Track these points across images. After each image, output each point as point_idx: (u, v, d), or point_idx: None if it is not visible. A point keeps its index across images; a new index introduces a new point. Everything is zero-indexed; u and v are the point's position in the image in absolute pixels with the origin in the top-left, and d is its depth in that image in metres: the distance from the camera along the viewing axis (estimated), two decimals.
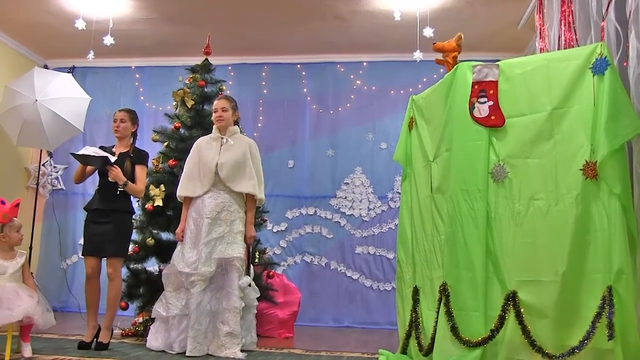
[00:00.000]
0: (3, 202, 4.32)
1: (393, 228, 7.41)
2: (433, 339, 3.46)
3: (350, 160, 7.79)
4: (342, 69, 7.95)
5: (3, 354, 4.05)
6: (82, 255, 4.97)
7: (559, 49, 4.23)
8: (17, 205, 4.36)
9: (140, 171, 4.95)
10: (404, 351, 4.00)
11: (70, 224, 8.09)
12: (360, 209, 7.68)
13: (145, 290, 5.45)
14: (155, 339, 4.69)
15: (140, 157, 5.00)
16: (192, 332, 4.49)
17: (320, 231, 7.68)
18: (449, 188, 3.51)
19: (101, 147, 5.05)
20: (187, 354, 4.43)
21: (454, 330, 3.19)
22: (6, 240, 4.24)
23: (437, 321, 3.43)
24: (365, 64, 7.92)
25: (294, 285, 6.46)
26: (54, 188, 8.23)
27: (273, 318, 5.95)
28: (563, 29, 4.07)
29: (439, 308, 3.42)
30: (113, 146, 5.08)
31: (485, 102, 3.33)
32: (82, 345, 4.64)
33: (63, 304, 7.58)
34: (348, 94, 7.90)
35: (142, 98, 8.12)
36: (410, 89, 7.29)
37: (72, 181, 7.92)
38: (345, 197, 7.72)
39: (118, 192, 4.81)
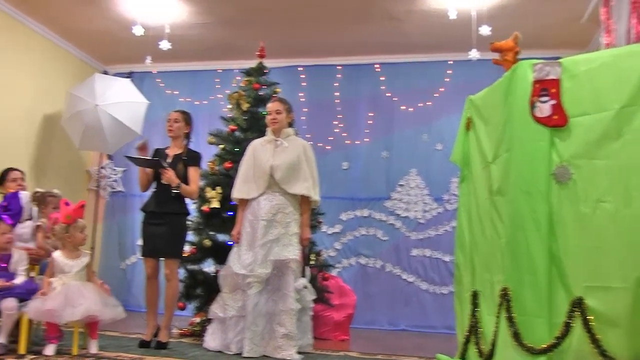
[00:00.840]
0: (67, 204, 4.43)
1: (449, 230, 7.31)
2: (493, 344, 3.37)
3: (405, 162, 7.71)
4: (395, 70, 7.88)
5: (71, 349, 4.15)
6: (141, 256, 5.05)
7: (628, 44, 4.06)
8: (82, 206, 4.48)
9: (193, 172, 4.99)
10: (463, 356, 3.91)
11: (129, 225, 8.25)
12: (415, 210, 7.60)
13: (203, 291, 5.50)
14: (212, 340, 4.73)
15: (193, 158, 5.04)
16: (249, 333, 4.50)
17: (375, 233, 7.63)
18: (509, 190, 3.41)
19: (156, 150, 5.12)
20: (243, 355, 4.45)
21: (516, 336, 3.10)
22: (71, 240, 4.36)
23: (497, 326, 3.35)
24: (418, 64, 7.83)
25: (349, 288, 6.43)
26: (113, 190, 8.42)
27: (329, 320, 5.94)
28: (634, 22, 3.90)
29: (499, 313, 3.33)
30: (167, 148, 5.13)
31: (547, 101, 3.23)
32: (143, 344, 4.72)
33: (123, 303, 7.67)
34: (402, 95, 7.83)
35: (196, 102, 8.22)
36: (466, 89, 7.15)
37: (131, 183, 8.19)
38: (400, 199, 7.65)
39: (172, 194, 4.86)
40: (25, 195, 4.78)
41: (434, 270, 7.43)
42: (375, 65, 7.92)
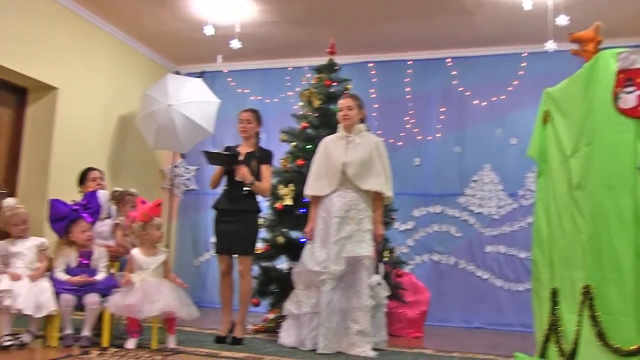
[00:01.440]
0: (144, 202, 4.58)
1: (525, 226, 7.16)
2: (576, 343, 3.29)
3: (478, 157, 7.59)
4: (466, 64, 7.77)
5: (150, 344, 4.29)
6: (214, 253, 5.15)
7: None
8: (159, 205, 4.62)
9: (265, 170, 5.05)
10: (543, 355, 3.84)
11: (202, 222, 8.44)
12: (489, 206, 7.48)
13: (276, 287, 5.58)
14: (287, 336, 4.79)
15: (265, 156, 5.11)
16: (323, 329, 4.55)
17: (448, 230, 7.56)
18: (590, 184, 3.32)
19: (227, 148, 5.21)
20: (318, 352, 4.50)
21: (601, 336, 3.01)
22: (148, 237, 4.51)
23: (579, 325, 3.27)
24: (491, 57, 7.69)
25: (422, 284, 6.39)
26: (186, 188, 8.62)
27: (402, 317, 5.92)
28: None
29: (581, 311, 3.25)
30: (238, 146, 5.21)
31: (632, 92, 3.12)
32: (219, 339, 4.82)
33: (198, 299, 7.90)
34: (474, 89, 7.71)
35: (267, 101, 8.31)
36: (542, 82, 6.99)
37: (203, 182, 8.37)
38: (474, 195, 7.54)
39: (245, 192, 4.93)
40: (104, 194, 4.95)
41: (509, 266, 7.30)
42: (447, 60, 7.83)
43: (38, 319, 4.23)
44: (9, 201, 4.60)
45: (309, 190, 4.90)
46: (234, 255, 4.99)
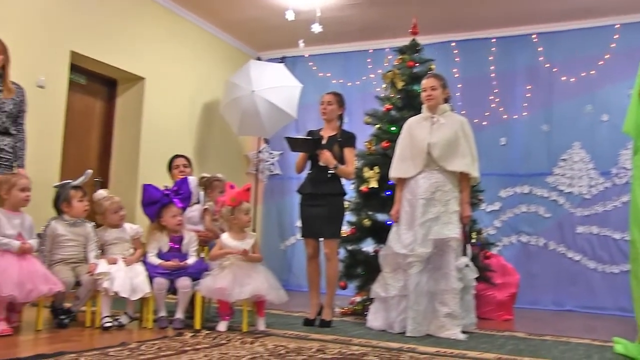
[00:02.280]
0: (232, 187, 4.63)
1: (619, 206, 6.89)
2: None
3: (567, 135, 7.33)
4: (554, 39, 7.48)
5: (241, 326, 4.37)
6: (301, 237, 5.17)
7: None
8: (248, 189, 4.67)
9: (349, 153, 5.02)
10: None
11: (287, 207, 8.53)
12: (580, 186, 7.21)
13: (363, 270, 5.57)
14: (375, 319, 4.77)
15: (348, 139, 5.07)
16: (412, 312, 4.50)
17: (537, 210, 7.35)
18: None
19: (309, 132, 5.21)
20: (407, 334, 4.46)
21: None
22: (236, 222, 4.56)
23: None
24: (580, 30, 7.38)
25: (511, 266, 6.24)
26: (271, 173, 8.72)
27: (491, 299, 5.81)
28: None
29: None
30: (320, 129, 5.18)
31: None
32: (307, 322, 4.85)
33: (284, 283, 7.97)
34: (562, 65, 7.43)
35: (349, 84, 8.28)
36: (635, 54, 6.67)
37: (287, 166, 8.45)
38: (563, 174, 7.29)
39: (329, 176, 4.92)
40: (192, 180, 5.04)
41: (602, 248, 7.03)
42: (532, 36, 7.57)
43: (134, 301, 4.36)
44: (101, 192, 4.75)
45: (394, 172, 4.84)
46: (320, 239, 4.99)
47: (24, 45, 5.45)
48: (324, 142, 4.99)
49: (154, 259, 4.54)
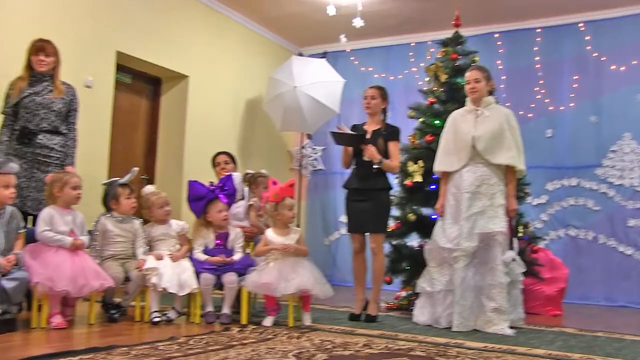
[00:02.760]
0: (275, 183, 4.66)
1: None
2: None
3: (617, 126, 7.17)
4: (602, 27, 7.33)
5: (287, 321, 4.41)
6: (347, 232, 5.18)
7: None
8: (292, 185, 4.70)
9: (393, 147, 5.00)
10: None
11: (331, 202, 8.56)
12: (631, 178, 7.05)
13: (408, 265, 5.56)
14: (421, 314, 4.76)
15: (392, 133, 5.04)
16: (458, 307, 4.48)
17: (585, 203, 7.22)
18: None
19: (353, 126, 5.20)
20: (453, 329, 4.43)
21: None
22: (280, 217, 4.58)
23: None
24: (630, 17, 7.20)
25: (559, 261, 6.14)
26: (314, 169, 8.75)
27: (539, 294, 5.74)
28: None
29: None
30: (364, 124, 5.16)
31: None
32: (353, 317, 4.86)
33: (329, 278, 7.96)
34: (611, 53, 7.27)
35: (391, 78, 8.25)
36: None
37: (330, 161, 8.48)
38: (613, 166, 7.14)
39: (374, 170, 4.91)
40: (237, 177, 5.09)
41: None
42: (579, 24, 7.42)
43: (181, 297, 4.44)
44: (149, 188, 4.85)
45: (438, 166, 4.82)
46: (366, 234, 5.00)
47: (73, 47, 5.58)
48: (368, 136, 4.98)
49: (200, 255, 4.60)
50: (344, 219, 8.33)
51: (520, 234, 5.34)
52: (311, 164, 8.76)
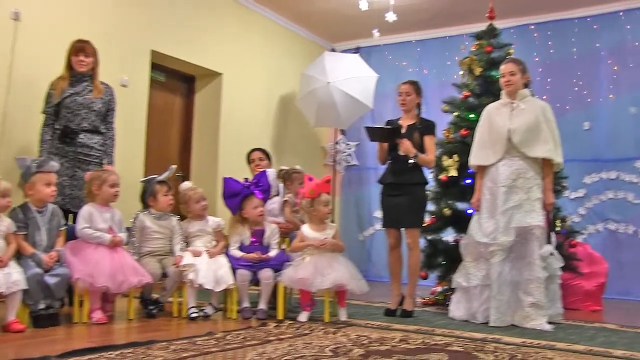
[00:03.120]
0: (310, 179, 4.68)
1: None
2: None
3: None
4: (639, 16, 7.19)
5: (323, 316, 4.43)
6: (382, 227, 5.16)
7: None
8: (328, 181, 4.72)
9: (429, 141, 4.98)
10: None
11: (365, 197, 8.57)
12: None
13: (444, 260, 5.54)
14: (457, 309, 4.74)
15: (428, 127, 5.03)
16: (495, 302, 4.45)
17: (625, 197, 7.09)
18: None
19: (388, 122, 5.19)
20: (490, 325, 4.41)
21: None
22: (316, 213, 4.60)
23: None
24: None
25: (599, 255, 6.06)
26: (348, 164, 8.75)
27: (578, 289, 5.67)
28: None
29: None
30: (399, 119, 5.15)
31: None
32: (389, 312, 4.87)
33: (364, 274, 7.95)
34: None
35: (425, 72, 8.21)
36: None
37: (364, 157, 8.49)
38: None
39: (410, 165, 4.88)
40: (271, 173, 5.12)
41: None
42: (619, 13, 7.28)
43: (218, 292, 4.48)
44: (186, 184, 4.91)
45: (474, 160, 4.79)
46: (402, 229, 4.99)
47: (109, 47, 5.66)
48: (403, 131, 4.97)
49: (236, 252, 4.64)
50: (378, 214, 8.33)
51: (557, 228, 5.28)
52: (345, 160, 8.77)
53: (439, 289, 5.63)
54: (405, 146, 4.86)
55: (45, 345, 3.21)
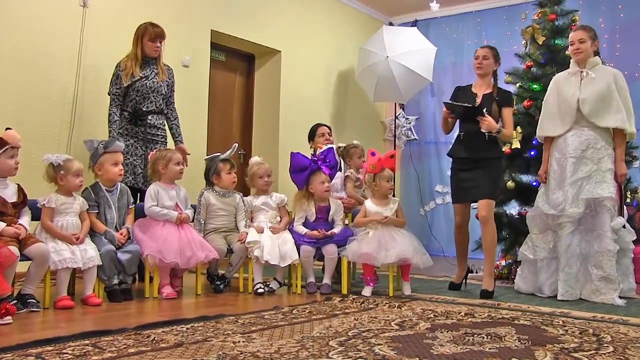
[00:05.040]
0: (373, 154, 4.62)
1: None
2: None
3: None
4: None
5: (387, 291, 4.43)
6: (453, 203, 4.91)
7: None
8: (392, 156, 4.66)
9: (507, 114, 4.69)
10: None
11: (426, 172, 8.47)
12: None
13: (508, 233, 5.44)
14: (523, 282, 4.65)
15: (506, 98, 4.75)
16: (563, 275, 4.35)
17: None
18: None
19: (458, 88, 4.96)
20: (558, 298, 4.32)
21: None
22: (378, 188, 4.57)
23: None
24: None
25: None
26: (407, 139, 8.66)
27: None
28: None
29: None
30: (470, 86, 4.89)
31: None
32: (453, 286, 4.81)
33: (425, 248, 7.94)
34: None
35: (485, 42, 8.01)
36: None
37: (424, 131, 8.39)
38: None
39: (486, 138, 4.60)
40: (335, 149, 5.09)
41: None
42: None
43: (283, 268, 4.52)
44: (255, 159, 4.94)
45: (541, 131, 4.64)
46: (472, 204, 4.79)
47: (170, 27, 5.69)
48: (478, 100, 4.70)
49: (300, 228, 4.66)
50: (439, 188, 8.27)
51: (628, 200, 5.11)
52: (405, 134, 8.67)
53: (503, 262, 5.53)
54: (488, 124, 4.54)
55: (121, 319, 3.31)
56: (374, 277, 4.46)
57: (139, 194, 4.75)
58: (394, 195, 7.34)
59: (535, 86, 5.36)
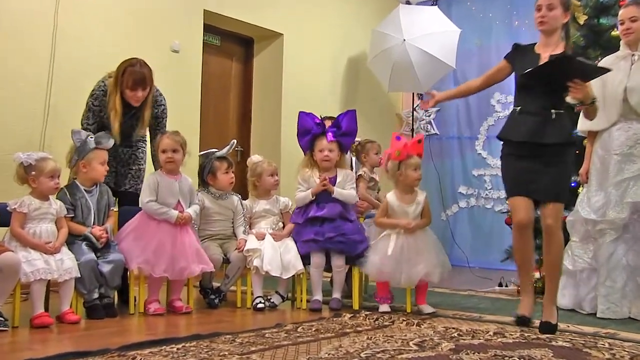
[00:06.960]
0: (399, 138, 4.54)
1: None
2: None
3: None
4: None
5: (405, 305, 4.40)
6: (509, 196, 4.03)
7: None
8: (420, 141, 4.58)
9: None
10: None
11: (447, 171, 8.40)
12: None
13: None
14: (562, 296, 4.56)
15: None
16: (603, 289, 4.30)
17: None
18: None
19: (516, 45, 4.11)
20: (598, 315, 4.27)
21: None
22: (403, 179, 4.46)
23: None
24: None
25: None
26: (427, 133, 8.60)
27: None
28: None
29: None
30: (533, 45, 4.02)
31: None
32: (521, 321, 3.89)
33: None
34: None
35: (516, 23, 7.96)
36: None
37: (446, 125, 8.34)
38: None
39: (553, 116, 3.80)
40: None
41: None
42: None
43: (286, 280, 4.50)
44: (256, 157, 4.90)
45: (582, 124, 4.57)
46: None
47: (158, 8, 5.72)
48: (541, 62, 3.87)
49: (302, 194, 4.60)
50: (462, 189, 8.21)
51: None
52: (424, 129, 8.62)
53: (537, 274, 5.48)
54: (582, 89, 3.70)
55: (103, 338, 3.29)
56: (389, 296, 4.42)
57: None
58: None
59: None
